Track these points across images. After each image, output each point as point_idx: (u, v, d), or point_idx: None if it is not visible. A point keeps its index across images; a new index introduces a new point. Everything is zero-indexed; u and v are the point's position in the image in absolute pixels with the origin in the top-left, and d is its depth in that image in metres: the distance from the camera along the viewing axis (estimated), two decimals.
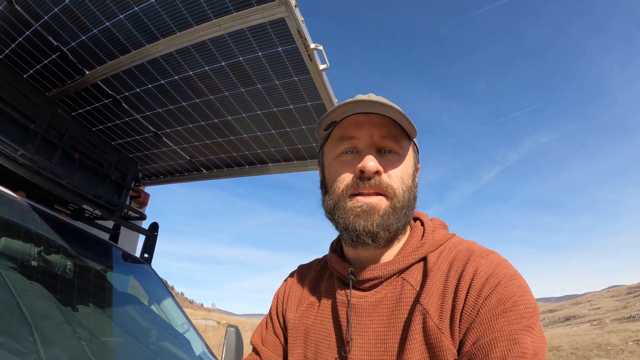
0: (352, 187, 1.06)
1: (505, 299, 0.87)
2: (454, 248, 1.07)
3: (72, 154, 2.63)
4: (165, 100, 2.84)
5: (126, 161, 3.19)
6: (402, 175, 1.09)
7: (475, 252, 1.01)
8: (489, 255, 1.00)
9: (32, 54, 2.57)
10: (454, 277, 0.98)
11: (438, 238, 1.11)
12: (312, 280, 1.31)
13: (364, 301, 1.09)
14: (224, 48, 2.28)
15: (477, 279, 0.93)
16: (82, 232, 2.79)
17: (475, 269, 0.96)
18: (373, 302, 1.08)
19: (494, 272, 0.93)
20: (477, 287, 0.92)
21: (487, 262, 0.97)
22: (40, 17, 2.25)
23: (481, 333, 0.86)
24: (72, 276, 2.34)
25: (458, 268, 0.99)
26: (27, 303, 1.85)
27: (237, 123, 2.98)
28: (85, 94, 2.90)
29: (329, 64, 2.22)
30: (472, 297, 0.91)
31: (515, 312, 0.85)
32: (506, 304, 0.87)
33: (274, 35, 2.12)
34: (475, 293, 0.91)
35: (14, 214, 2.17)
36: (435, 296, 0.97)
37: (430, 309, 0.95)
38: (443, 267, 1.02)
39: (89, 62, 2.58)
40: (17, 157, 2.18)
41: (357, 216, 1.04)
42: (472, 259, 0.99)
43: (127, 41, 2.35)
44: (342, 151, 1.12)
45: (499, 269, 0.94)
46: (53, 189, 2.41)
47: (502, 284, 0.90)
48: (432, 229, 1.15)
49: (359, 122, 1.09)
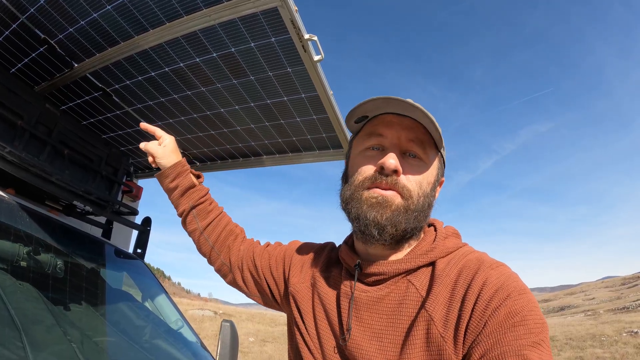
0: (370, 180, 1.09)
1: (514, 313, 0.87)
2: (463, 257, 1.06)
3: (61, 150, 2.57)
4: (156, 92, 2.79)
5: (117, 155, 3.14)
6: (421, 181, 1.10)
7: (485, 262, 1.01)
8: (499, 267, 0.99)
9: (19, 48, 2.51)
10: (461, 286, 0.97)
11: (449, 245, 1.11)
12: (324, 261, 1.33)
13: (366, 296, 1.10)
14: (215, 39, 2.23)
15: (485, 290, 0.92)
16: (72, 230, 2.75)
17: (484, 279, 0.95)
18: (375, 298, 1.08)
19: (503, 284, 0.93)
20: (486, 298, 0.91)
21: (497, 274, 0.96)
22: (26, 9, 2.20)
23: (489, 347, 0.85)
24: (63, 275, 2.31)
25: (467, 277, 0.98)
26: (16, 306, 1.82)
27: (230, 115, 2.93)
28: (75, 87, 2.84)
29: (323, 55, 2.17)
30: (479, 308, 0.90)
31: (524, 327, 0.85)
32: (515, 318, 0.86)
33: (266, 25, 2.07)
34: (483, 304, 0.90)
35: (2, 214, 2.13)
36: (441, 304, 0.97)
37: (435, 316, 0.95)
38: (451, 274, 1.02)
39: (78, 54, 2.52)
40: (5, 154, 2.12)
41: (370, 206, 1.06)
42: (481, 269, 0.98)
43: (115, 33, 2.29)
44: (368, 146, 1.15)
45: (509, 281, 0.93)
46: (43, 186, 2.36)
47: (511, 297, 0.89)
48: (444, 235, 1.14)
49: (390, 122, 1.12)
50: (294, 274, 1.33)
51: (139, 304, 3.04)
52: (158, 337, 2.79)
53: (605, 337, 22.20)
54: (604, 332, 23.45)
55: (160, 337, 2.81)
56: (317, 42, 2.10)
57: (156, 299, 3.17)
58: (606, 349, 19.85)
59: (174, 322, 3.05)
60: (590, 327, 26.24)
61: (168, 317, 3.06)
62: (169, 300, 3.25)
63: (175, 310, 3.17)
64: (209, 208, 1.56)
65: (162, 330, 2.90)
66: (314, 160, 3.22)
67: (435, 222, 1.21)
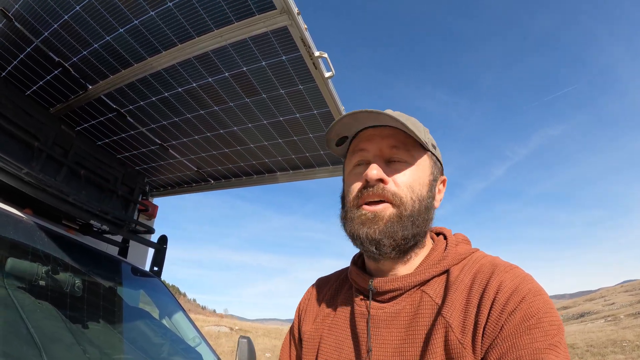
0: (358, 197, 1.08)
1: (530, 316, 0.85)
2: (477, 262, 1.05)
3: (77, 171, 2.61)
4: (170, 112, 2.82)
5: (133, 174, 3.18)
6: (412, 183, 1.08)
7: (499, 266, 0.99)
8: (513, 269, 0.98)
9: (34, 71, 2.56)
10: (477, 291, 0.96)
11: (461, 252, 1.10)
12: (331, 292, 1.31)
13: (382, 312, 1.08)
14: (226, 59, 2.25)
15: (501, 293, 0.91)
16: (90, 249, 2.76)
17: (499, 283, 0.94)
18: (391, 314, 1.07)
19: (518, 286, 0.91)
20: (501, 301, 0.90)
21: (512, 277, 0.94)
22: (40, 33, 2.24)
23: (505, 350, 0.84)
24: (82, 294, 2.33)
25: (481, 282, 0.97)
26: (35, 325, 1.83)
27: (243, 133, 2.95)
28: (89, 108, 2.88)
29: (334, 71, 2.18)
30: (495, 312, 0.89)
31: (540, 330, 0.83)
32: (530, 321, 0.85)
33: (277, 44, 2.09)
34: (499, 308, 0.89)
35: (21, 234, 2.15)
36: (457, 310, 0.96)
37: (452, 322, 0.94)
38: (466, 280, 1.01)
39: (92, 76, 2.56)
40: (23, 175, 2.15)
41: (361, 224, 1.05)
42: (496, 272, 0.97)
43: (128, 55, 2.33)
44: (355, 164, 1.15)
45: (524, 283, 0.92)
46: (60, 206, 2.38)
47: (526, 300, 0.88)
48: (455, 242, 1.13)
49: (370, 135, 1.12)
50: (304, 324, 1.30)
51: (157, 321, 3.05)
52: (176, 354, 2.79)
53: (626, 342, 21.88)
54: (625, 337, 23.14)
55: (179, 354, 2.81)
56: (328, 58, 2.12)
57: (173, 316, 3.18)
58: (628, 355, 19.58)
59: (192, 339, 3.06)
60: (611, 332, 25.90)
61: (186, 334, 3.07)
62: (186, 317, 3.26)
63: (192, 327, 3.18)
64: None
65: (180, 348, 2.91)
66: (328, 176, 3.23)
67: (444, 231, 1.21)
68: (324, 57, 2.10)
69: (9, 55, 2.45)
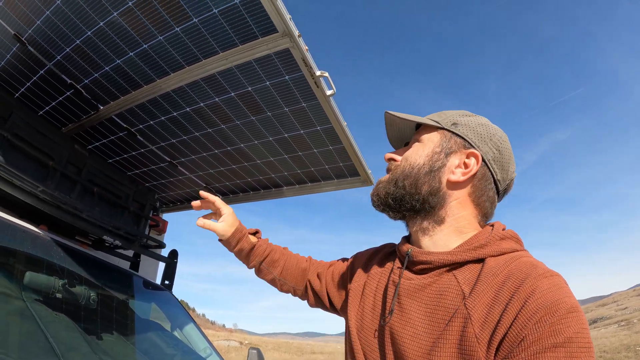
0: None
1: (559, 332, 0.80)
2: (516, 259, 1.00)
3: (90, 188, 2.70)
4: (179, 131, 2.90)
5: (143, 191, 3.26)
6: (409, 155, 1.24)
7: (539, 269, 0.94)
8: (552, 277, 0.91)
9: (46, 92, 2.65)
10: (508, 290, 0.92)
11: (504, 246, 1.06)
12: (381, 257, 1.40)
13: (409, 283, 1.13)
14: (232, 80, 2.33)
15: (532, 299, 0.86)
16: (103, 263, 2.85)
17: (533, 288, 0.88)
18: (417, 286, 1.10)
19: (553, 298, 0.85)
20: (531, 308, 0.85)
21: (549, 284, 0.89)
22: (53, 57, 2.33)
23: None
24: (96, 306, 2.40)
25: (515, 281, 0.92)
26: (53, 334, 1.91)
27: (249, 150, 3.03)
28: (101, 128, 2.97)
29: (335, 89, 2.26)
30: (522, 318, 0.85)
31: (566, 350, 0.78)
32: (558, 338, 0.79)
33: (280, 65, 2.17)
34: (527, 315, 0.85)
35: (38, 249, 2.23)
36: (482, 304, 0.94)
37: (474, 315, 0.92)
38: (499, 275, 0.97)
39: (103, 97, 2.64)
40: (38, 193, 2.24)
41: None
42: (533, 276, 0.91)
43: (138, 77, 2.41)
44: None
45: (559, 295, 0.86)
46: (74, 222, 2.46)
47: (558, 314, 0.83)
48: (500, 236, 1.09)
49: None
50: (354, 280, 1.40)
51: (168, 333, 3.11)
52: None
53: None
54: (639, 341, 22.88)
55: None
56: (329, 77, 2.20)
57: (184, 328, 3.25)
58: None
59: (203, 349, 3.12)
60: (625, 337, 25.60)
61: (197, 345, 3.14)
62: (197, 329, 3.32)
63: (203, 338, 3.25)
64: (275, 257, 1.70)
65: (191, 358, 2.97)
66: (333, 189, 3.29)
67: (495, 223, 1.17)
68: (325, 77, 2.18)
69: (22, 77, 2.54)
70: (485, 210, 1.18)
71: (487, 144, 1.17)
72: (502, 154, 1.18)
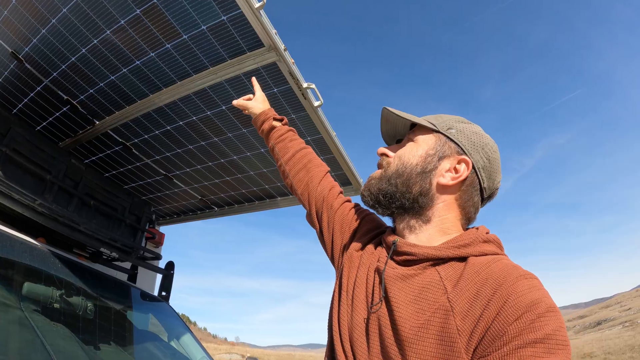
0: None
1: (538, 329, 0.84)
2: (497, 261, 1.03)
3: (87, 201, 2.76)
4: (173, 144, 2.97)
5: (139, 204, 3.32)
6: (402, 153, 1.26)
7: (519, 271, 0.97)
8: (531, 279, 0.95)
9: (43, 108, 2.72)
10: (490, 288, 0.95)
11: (486, 248, 1.09)
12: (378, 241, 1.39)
13: (393, 272, 1.14)
14: (223, 93, 2.41)
15: (513, 297, 0.90)
16: (100, 274, 2.90)
17: (514, 287, 0.92)
18: (400, 275, 1.12)
19: (533, 297, 0.89)
20: (512, 306, 0.89)
21: (528, 286, 0.92)
22: (49, 74, 2.41)
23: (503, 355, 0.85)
24: (93, 316, 2.44)
25: (497, 280, 0.95)
26: (51, 343, 1.95)
27: (243, 162, 3.10)
28: (97, 142, 3.04)
29: (322, 100, 2.33)
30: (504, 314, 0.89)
31: (545, 346, 0.82)
32: (538, 334, 0.83)
33: (268, 78, 2.25)
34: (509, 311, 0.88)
35: (36, 260, 2.28)
36: (465, 298, 0.96)
37: (456, 308, 0.95)
38: (482, 274, 0.99)
39: (98, 113, 2.72)
40: (36, 206, 2.30)
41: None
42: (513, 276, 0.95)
43: (132, 92, 2.49)
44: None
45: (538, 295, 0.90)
46: (71, 234, 2.52)
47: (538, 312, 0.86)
48: (484, 239, 1.12)
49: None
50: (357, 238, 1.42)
51: (165, 343, 3.15)
52: None
53: None
54: None
55: None
56: (316, 89, 2.27)
57: (181, 338, 3.28)
58: None
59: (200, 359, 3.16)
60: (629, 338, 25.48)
61: (193, 354, 3.17)
62: (194, 338, 3.36)
63: (200, 348, 3.28)
64: (288, 145, 1.76)
65: None
66: None
67: (480, 227, 1.21)
68: (312, 88, 2.26)
69: (20, 93, 2.61)
70: (470, 214, 1.23)
71: (479, 152, 1.21)
72: (491, 164, 1.23)
